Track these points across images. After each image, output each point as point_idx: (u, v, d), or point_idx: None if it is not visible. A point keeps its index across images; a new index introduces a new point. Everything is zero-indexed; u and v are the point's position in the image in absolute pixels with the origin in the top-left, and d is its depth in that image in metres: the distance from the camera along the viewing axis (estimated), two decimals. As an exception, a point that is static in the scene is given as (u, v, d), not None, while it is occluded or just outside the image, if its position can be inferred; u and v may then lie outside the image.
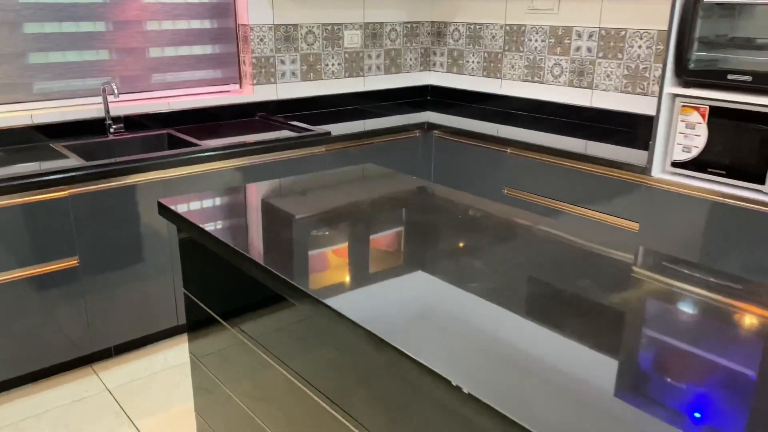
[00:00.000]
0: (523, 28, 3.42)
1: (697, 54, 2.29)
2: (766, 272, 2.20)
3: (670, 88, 2.35)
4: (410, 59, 3.86)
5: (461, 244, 1.34)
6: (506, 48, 3.53)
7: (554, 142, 2.79)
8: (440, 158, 3.26)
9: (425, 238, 1.38)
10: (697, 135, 2.32)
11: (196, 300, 1.64)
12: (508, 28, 3.50)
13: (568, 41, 3.24)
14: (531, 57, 3.42)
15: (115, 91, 2.68)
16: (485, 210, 1.59)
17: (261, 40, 3.22)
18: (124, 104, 2.91)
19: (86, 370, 2.53)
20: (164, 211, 1.59)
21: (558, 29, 3.27)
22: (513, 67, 3.52)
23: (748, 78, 2.15)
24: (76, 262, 2.36)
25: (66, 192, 2.28)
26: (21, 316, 2.29)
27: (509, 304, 1.07)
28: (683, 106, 2.33)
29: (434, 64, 3.95)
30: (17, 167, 2.30)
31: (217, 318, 1.55)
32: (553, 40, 3.30)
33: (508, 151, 2.92)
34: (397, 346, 0.93)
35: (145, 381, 2.46)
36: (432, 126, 3.25)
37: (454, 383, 0.83)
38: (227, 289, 1.49)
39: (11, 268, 2.23)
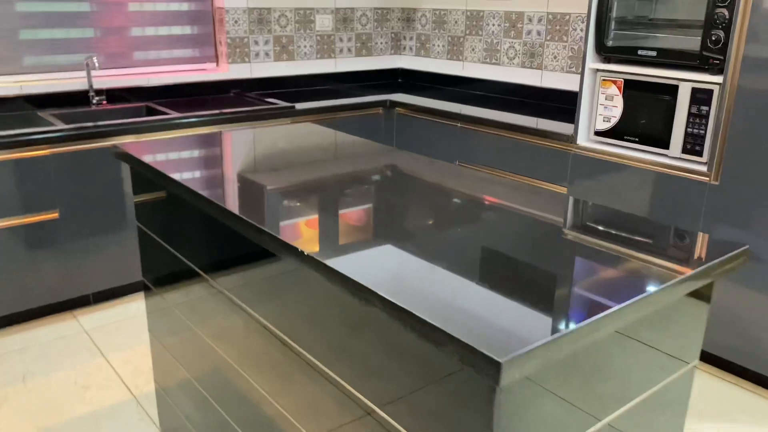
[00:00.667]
0: (481, 13, 3.67)
1: (614, 32, 2.53)
2: (670, 219, 2.44)
3: (592, 63, 2.60)
4: (381, 43, 4.11)
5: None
6: (467, 32, 3.77)
7: (503, 118, 3.03)
8: (401, 134, 3.52)
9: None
10: (614, 106, 2.56)
11: (146, 230, 1.91)
12: (468, 13, 3.74)
13: (521, 25, 3.48)
14: (489, 40, 3.66)
15: (96, 65, 2.96)
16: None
17: (236, 22, 3.49)
18: (107, 78, 3.18)
19: (66, 315, 2.81)
20: (121, 156, 1.86)
21: (512, 14, 3.51)
22: (473, 50, 3.76)
23: (654, 53, 2.39)
24: (56, 215, 2.64)
25: (47, 151, 2.56)
26: (5, 261, 2.57)
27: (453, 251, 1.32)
28: (603, 79, 2.58)
29: (404, 48, 4.21)
30: (4, 130, 2.57)
31: (163, 243, 1.81)
32: (507, 25, 3.55)
33: (458, 125, 3.17)
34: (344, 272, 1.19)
35: (118, 324, 2.74)
36: (394, 104, 3.51)
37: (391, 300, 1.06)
38: (168, 218, 1.75)
39: (-2, 217, 2.51)
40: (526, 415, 0.87)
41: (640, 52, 2.44)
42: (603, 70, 2.57)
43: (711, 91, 2.25)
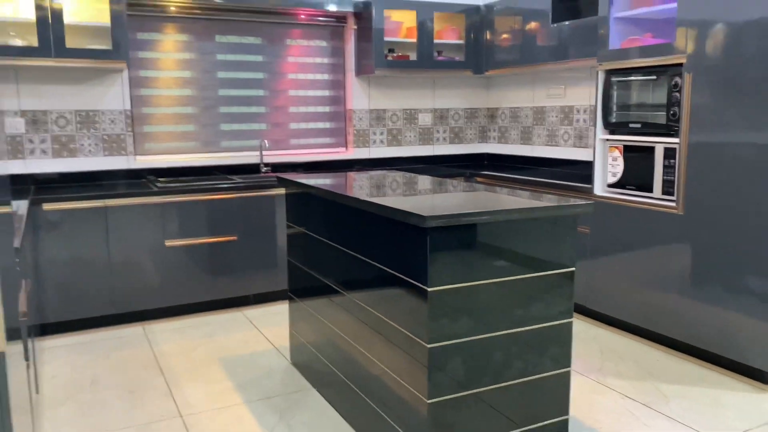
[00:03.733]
0: (544, 108, 4.80)
1: (615, 113, 3.55)
2: (657, 244, 3.30)
3: (601, 135, 3.61)
4: (470, 134, 5.34)
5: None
6: (534, 123, 4.90)
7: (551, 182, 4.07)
8: (478, 197, 4.62)
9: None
10: (618, 165, 3.53)
11: (294, 227, 3.14)
12: (535, 109, 4.88)
13: (572, 115, 4.55)
14: (550, 128, 4.76)
15: (266, 146, 4.43)
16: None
17: (360, 119, 4.89)
18: (272, 156, 4.65)
19: (234, 309, 4.11)
20: (281, 181, 3.15)
21: (566, 107, 4.60)
22: (539, 136, 4.86)
23: (639, 125, 3.38)
24: (235, 238, 4.01)
25: (232, 195, 3.98)
26: (197, 268, 3.94)
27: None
28: (610, 146, 3.57)
29: (489, 138, 5.39)
30: (206, 182, 4.04)
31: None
32: (562, 116, 4.63)
33: (516, 187, 4.23)
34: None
35: (268, 315, 3.98)
36: (473, 174, 4.65)
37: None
38: (307, 225, 2.97)
39: (194, 236, 3.92)
40: (450, 258, 1.93)
41: (630, 125, 3.43)
42: (609, 139, 3.57)
43: (675, 149, 3.18)
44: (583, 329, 3.68)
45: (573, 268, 2.18)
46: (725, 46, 2.89)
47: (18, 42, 3.63)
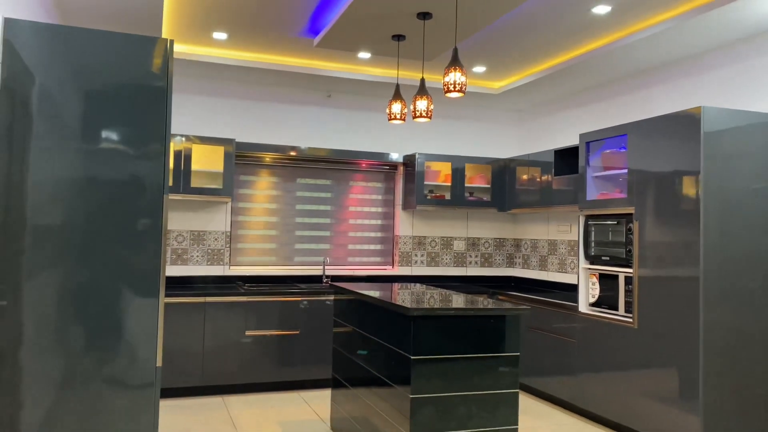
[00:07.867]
0: (556, 241, 5.83)
1: (594, 248, 4.56)
2: (623, 351, 4.16)
3: (583, 264, 4.61)
4: (498, 259, 6.40)
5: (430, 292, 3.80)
6: (549, 253, 5.92)
7: (551, 300, 5.04)
8: (498, 311, 5.59)
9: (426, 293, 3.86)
10: (596, 288, 4.49)
11: (341, 321, 4.24)
12: (549, 242, 5.93)
13: (577, 248, 5.56)
14: (560, 258, 5.76)
15: (328, 262, 5.66)
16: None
17: (405, 243, 6.07)
18: (333, 270, 5.86)
19: (292, 391, 5.16)
20: (332, 287, 4.30)
21: (572, 242, 5.63)
22: (552, 263, 5.87)
23: (608, 258, 4.37)
24: (298, 332, 5.15)
25: (299, 299, 5.16)
26: (268, 356, 5.07)
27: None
28: (590, 273, 4.56)
29: (515, 263, 6.43)
30: (280, 289, 5.26)
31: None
32: (569, 248, 5.65)
33: (526, 305, 5.20)
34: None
35: (320, 397, 5.00)
36: (495, 293, 5.66)
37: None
38: (347, 323, 4.07)
39: (267, 329, 5.08)
40: (427, 337, 2.98)
41: (602, 258, 4.43)
42: (589, 268, 4.57)
43: (632, 277, 4.14)
44: (570, 422, 4.48)
45: (518, 353, 3.16)
46: (656, 198, 3.93)
47: (158, 181, 5.13)
